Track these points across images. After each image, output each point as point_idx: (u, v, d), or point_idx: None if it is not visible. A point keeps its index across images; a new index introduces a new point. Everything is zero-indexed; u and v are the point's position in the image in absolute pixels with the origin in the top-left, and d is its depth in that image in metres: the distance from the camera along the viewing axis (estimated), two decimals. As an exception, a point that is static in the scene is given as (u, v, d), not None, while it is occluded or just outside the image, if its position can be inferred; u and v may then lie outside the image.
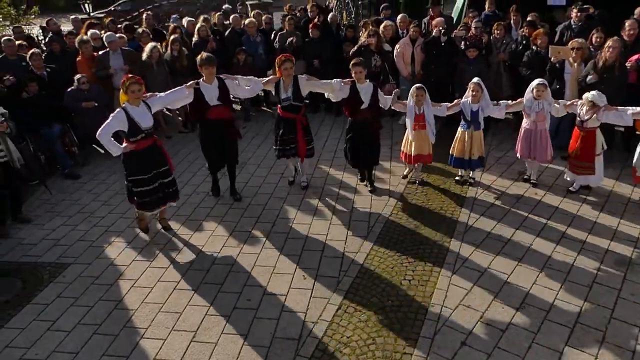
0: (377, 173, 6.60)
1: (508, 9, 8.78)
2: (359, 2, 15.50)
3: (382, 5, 10.30)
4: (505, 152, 7.07)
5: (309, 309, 4.30)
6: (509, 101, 6.08)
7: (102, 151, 5.12)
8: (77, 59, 7.90)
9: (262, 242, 5.31)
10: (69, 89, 7.23)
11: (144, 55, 7.88)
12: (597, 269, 4.61)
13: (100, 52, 7.84)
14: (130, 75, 5.09)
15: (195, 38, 8.86)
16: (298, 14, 10.07)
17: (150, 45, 7.90)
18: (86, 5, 13.84)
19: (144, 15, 10.00)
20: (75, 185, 6.91)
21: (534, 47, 7.12)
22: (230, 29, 9.41)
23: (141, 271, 4.94)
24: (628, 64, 6.24)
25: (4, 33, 10.45)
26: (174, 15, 10.78)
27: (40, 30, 13.58)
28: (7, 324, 4.32)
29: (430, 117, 5.97)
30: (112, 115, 4.94)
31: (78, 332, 4.18)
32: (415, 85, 5.96)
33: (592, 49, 6.74)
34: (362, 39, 7.99)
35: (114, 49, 7.79)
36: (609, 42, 6.09)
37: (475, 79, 5.89)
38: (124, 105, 4.95)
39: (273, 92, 5.98)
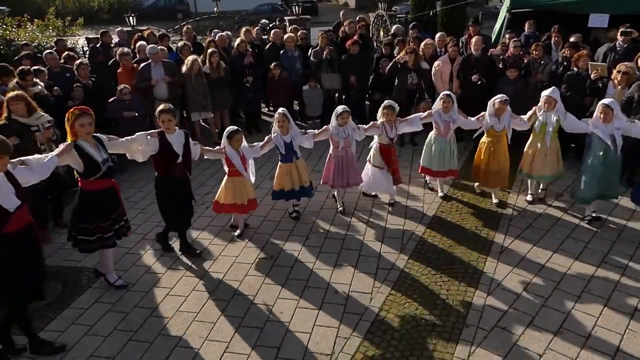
0: (411, 189, 6.59)
1: (546, 31, 8.70)
2: (396, 20, 15.60)
3: (411, 24, 10.33)
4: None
5: (342, 324, 4.29)
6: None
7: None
8: (118, 70, 8.18)
9: (295, 256, 5.34)
10: (110, 99, 7.48)
11: (184, 68, 8.10)
12: (638, 296, 4.47)
13: (142, 65, 8.09)
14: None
15: (233, 51, 9.05)
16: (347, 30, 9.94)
17: (190, 58, 8.12)
18: (131, 18, 14.32)
19: (184, 29, 10.28)
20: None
21: (574, 69, 7.02)
22: (270, 44, 9.59)
23: (176, 280, 5.03)
24: None
25: (51, 44, 10.89)
26: (216, 30, 11.03)
27: (85, 42, 14.11)
28: (46, 326, 4.43)
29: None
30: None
31: (114, 337, 4.27)
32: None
33: (638, 72, 6.61)
34: (399, 56, 8.03)
35: (156, 61, 8.03)
36: None
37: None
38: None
39: (78, 166, 4.41)
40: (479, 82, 7.52)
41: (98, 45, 9.98)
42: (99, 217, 4.54)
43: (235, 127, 5.60)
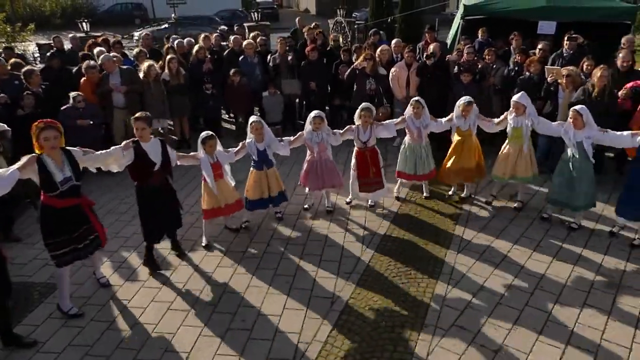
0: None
1: (499, 37, 9.03)
2: (355, 26, 15.82)
3: (372, 30, 10.52)
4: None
5: (303, 329, 4.29)
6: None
7: (94, 170, 5.02)
8: (82, 80, 7.87)
9: (256, 263, 5.32)
10: (63, 107, 7.26)
11: (141, 74, 7.96)
12: (588, 290, 4.67)
13: (102, 74, 7.87)
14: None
15: (192, 58, 8.96)
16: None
17: (146, 63, 7.99)
18: (84, 24, 13.94)
19: (142, 35, 10.11)
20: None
21: (527, 73, 7.32)
22: (229, 50, 9.55)
23: (134, 291, 4.92)
24: (623, 91, 6.42)
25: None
26: (174, 36, 10.89)
27: (37, 48, 13.67)
28: (-4, 344, 4.26)
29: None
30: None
31: (68, 353, 4.12)
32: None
33: (582, 77, 6.95)
34: (357, 62, 8.15)
35: (110, 70, 7.83)
36: (598, 71, 6.27)
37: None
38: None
39: (37, 180, 4.23)
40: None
41: (53, 51, 9.66)
42: (62, 232, 4.36)
43: (210, 133, 5.54)
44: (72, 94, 7.22)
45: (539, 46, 7.97)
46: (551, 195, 5.84)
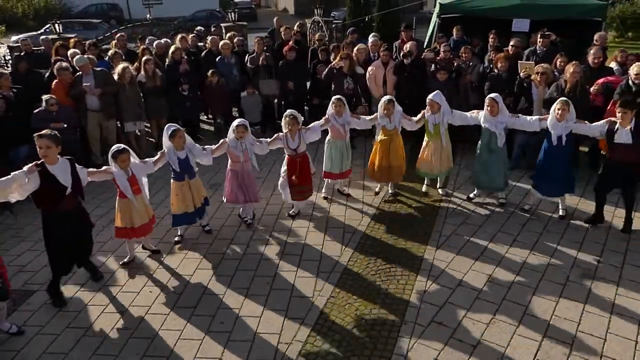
0: (352, 191, 6.69)
1: (474, 35, 9.14)
2: (333, 25, 15.84)
3: (349, 29, 10.54)
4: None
5: (283, 330, 4.28)
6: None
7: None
8: (54, 82, 7.70)
9: (235, 264, 5.28)
10: (36, 110, 7.10)
11: (115, 76, 7.84)
12: (564, 283, 4.75)
13: (77, 75, 7.72)
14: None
15: (168, 59, 8.86)
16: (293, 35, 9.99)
17: (121, 65, 7.87)
18: (56, 25, 13.65)
19: (116, 36, 9.95)
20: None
21: (496, 70, 7.41)
22: (206, 50, 9.46)
23: (111, 296, 4.84)
24: (594, 87, 6.55)
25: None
26: (151, 37, 10.74)
27: (8, 50, 13.36)
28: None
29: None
30: None
31: (45, 360, 4.05)
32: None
33: (556, 73, 7.06)
34: (334, 62, 8.15)
35: (85, 72, 7.68)
36: (570, 67, 6.39)
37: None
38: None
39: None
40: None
41: (21, 54, 9.43)
42: None
43: (122, 146, 4.99)
44: (45, 97, 7.05)
45: (511, 42, 8.08)
46: (474, 180, 6.33)
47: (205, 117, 10.24)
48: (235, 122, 5.67)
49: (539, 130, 5.88)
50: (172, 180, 5.49)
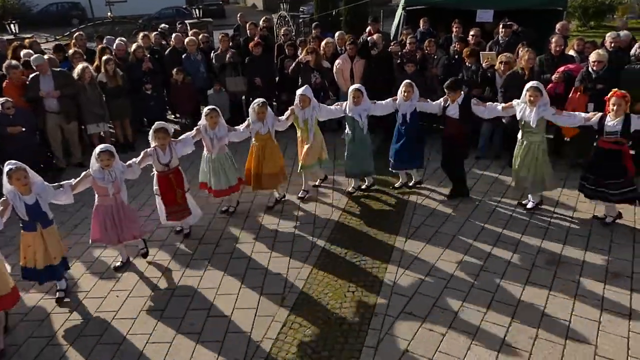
0: (323, 185, 6.68)
1: (439, 27, 9.21)
2: (300, 20, 15.76)
3: (314, 24, 10.51)
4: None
5: (254, 328, 4.25)
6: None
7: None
8: (4, 83, 7.46)
9: (205, 264, 5.21)
10: (-9, 114, 6.84)
11: (75, 76, 7.61)
12: (530, 269, 4.85)
13: (32, 75, 7.46)
14: None
15: (130, 58, 8.65)
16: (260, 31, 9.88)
17: (80, 66, 7.65)
18: (12, 25, 13.17)
19: (75, 35, 9.66)
20: None
21: (467, 64, 7.47)
22: (171, 48, 9.28)
23: (76, 303, 4.71)
24: (556, 75, 6.68)
25: None
26: (109, 36, 10.44)
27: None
28: None
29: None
30: None
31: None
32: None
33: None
34: (301, 56, 8.11)
35: (44, 72, 7.44)
36: (525, 55, 6.53)
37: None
38: None
39: None
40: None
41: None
42: None
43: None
44: (0, 100, 6.80)
45: (471, 32, 8.17)
46: (347, 170, 6.42)
47: (173, 116, 10.06)
48: (98, 149, 4.69)
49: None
50: (22, 232, 4.47)
